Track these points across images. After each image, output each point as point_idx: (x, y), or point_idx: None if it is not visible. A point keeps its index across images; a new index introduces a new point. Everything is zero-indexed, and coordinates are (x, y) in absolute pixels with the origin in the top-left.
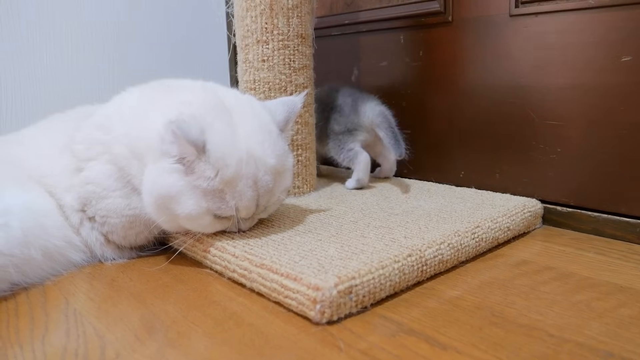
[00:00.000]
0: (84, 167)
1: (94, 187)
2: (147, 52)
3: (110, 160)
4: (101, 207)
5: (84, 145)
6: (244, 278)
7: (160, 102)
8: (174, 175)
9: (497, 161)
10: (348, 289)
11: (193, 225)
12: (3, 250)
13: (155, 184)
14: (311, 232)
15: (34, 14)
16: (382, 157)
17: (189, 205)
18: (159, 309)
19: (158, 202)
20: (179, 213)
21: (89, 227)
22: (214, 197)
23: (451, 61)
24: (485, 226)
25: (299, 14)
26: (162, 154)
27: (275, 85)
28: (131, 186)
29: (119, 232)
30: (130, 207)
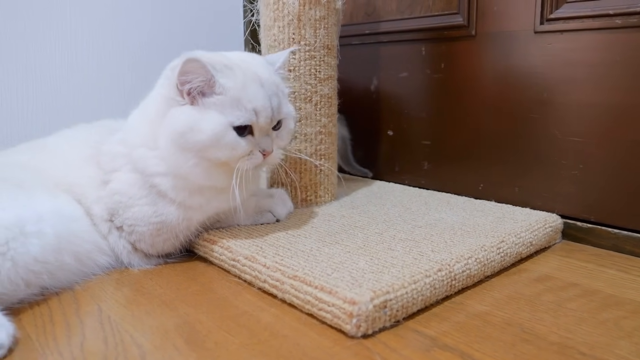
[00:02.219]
0: (109, 179)
1: (120, 197)
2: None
3: (133, 168)
4: (128, 216)
5: (108, 158)
6: (276, 289)
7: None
8: (186, 110)
9: (517, 175)
10: (383, 303)
11: (220, 150)
12: (38, 257)
13: (172, 125)
14: (338, 243)
15: (49, 13)
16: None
17: (210, 125)
18: (193, 318)
19: (180, 142)
20: (204, 139)
21: (117, 236)
22: (232, 108)
23: (473, 74)
24: (509, 241)
25: (325, 25)
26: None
27: (301, 95)
28: (156, 191)
29: (147, 240)
30: (157, 214)
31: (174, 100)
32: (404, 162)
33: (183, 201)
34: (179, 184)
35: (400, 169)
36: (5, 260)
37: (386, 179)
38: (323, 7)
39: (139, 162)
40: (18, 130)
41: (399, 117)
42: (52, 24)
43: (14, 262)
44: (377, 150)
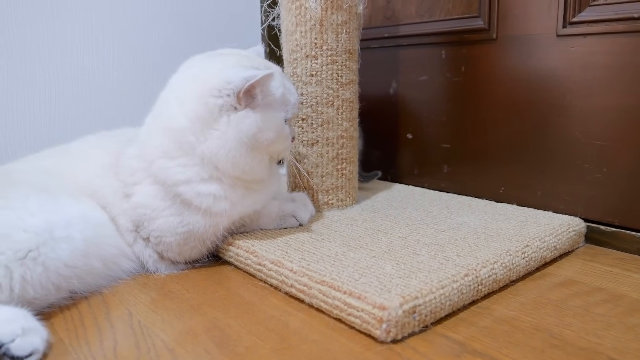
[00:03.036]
0: (131, 192)
1: (144, 210)
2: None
3: (153, 180)
4: (154, 228)
5: (127, 172)
6: (303, 293)
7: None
8: (250, 114)
9: (539, 178)
10: (412, 309)
11: (281, 143)
12: (68, 262)
13: (242, 129)
14: (363, 247)
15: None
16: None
17: (274, 123)
18: (222, 323)
19: (251, 143)
20: (272, 136)
21: (143, 245)
22: (282, 104)
23: (494, 78)
24: (534, 245)
25: (347, 30)
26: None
27: (323, 100)
28: (180, 200)
29: (174, 249)
30: (183, 224)
31: (232, 107)
32: (423, 165)
33: (208, 208)
34: (213, 188)
35: (420, 172)
36: (37, 265)
37: (405, 182)
38: (345, 12)
39: (160, 174)
40: (41, 135)
41: (418, 120)
42: (74, 30)
43: (45, 267)
44: (396, 153)
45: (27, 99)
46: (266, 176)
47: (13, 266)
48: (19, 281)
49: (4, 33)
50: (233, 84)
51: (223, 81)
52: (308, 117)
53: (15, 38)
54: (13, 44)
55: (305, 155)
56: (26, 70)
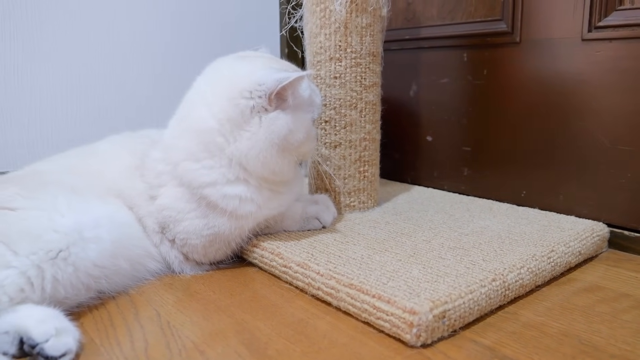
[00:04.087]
0: (156, 194)
1: (169, 212)
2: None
3: (178, 183)
4: (180, 230)
5: (152, 175)
6: (330, 296)
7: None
8: (281, 116)
9: (562, 182)
10: (442, 314)
11: (310, 143)
12: (97, 262)
13: (273, 131)
14: (388, 250)
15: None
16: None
17: (304, 124)
18: (251, 325)
19: (282, 144)
20: (301, 137)
21: (169, 247)
22: (309, 105)
23: (517, 81)
24: (559, 250)
25: (371, 33)
26: (253, 113)
27: (347, 102)
28: (205, 203)
29: (199, 251)
30: (208, 227)
31: (263, 108)
32: (443, 167)
33: (234, 210)
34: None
35: (439, 175)
36: (67, 265)
37: (425, 184)
38: (369, 15)
39: (185, 176)
40: (63, 134)
41: (438, 123)
42: (96, 31)
43: (75, 267)
44: (416, 155)
45: (50, 100)
46: (292, 177)
47: (45, 266)
48: (50, 281)
49: (26, 36)
50: (265, 86)
51: (255, 83)
52: (331, 119)
53: (36, 41)
54: (35, 47)
55: (328, 157)
56: (48, 72)
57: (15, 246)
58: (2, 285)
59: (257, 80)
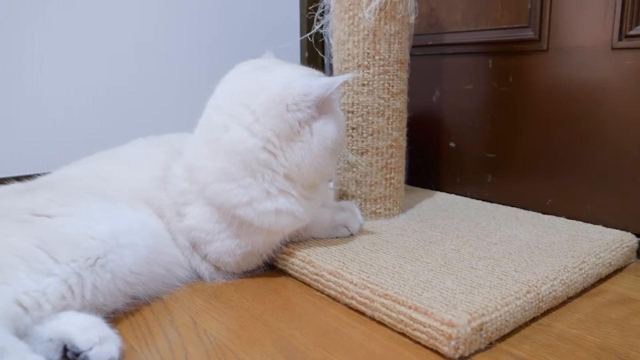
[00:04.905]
0: (183, 212)
1: (199, 233)
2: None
3: (206, 202)
4: (211, 250)
5: (176, 192)
6: (364, 306)
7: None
8: (329, 120)
9: (589, 192)
10: (479, 326)
11: (345, 138)
12: (133, 269)
13: (328, 136)
14: (418, 260)
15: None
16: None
17: (342, 123)
18: (287, 334)
19: (334, 147)
20: (343, 136)
21: (199, 260)
22: (336, 102)
23: (544, 89)
24: (590, 262)
25: (399, 40)
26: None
27: (374, 109)
28: (238, 222)
29: (232, 266)
30: (241, 246)
31: (312, 117)
32: (466, 174)
33: (270, 226)
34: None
35: (462, 181)
36: (106, 272)
37: (447, 190)
38: (398, 22)
39: (217, 197)
40: (89, 138)
41: (461, 129)
42: (118, 37)
43: (113, 274)
44: (438, 160)
45: (75, 105)
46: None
47: (84, 273)
48: (90, 288)
49: (54, 45)
50: (312, 95)
51: (300, 94)
52: (358, 126)
53: (61, 49)
54: (62, 54)
55: (355, 164)
56: (73, 78)
57: (55, 254)
58: (45, 293)
59: (301, 91)
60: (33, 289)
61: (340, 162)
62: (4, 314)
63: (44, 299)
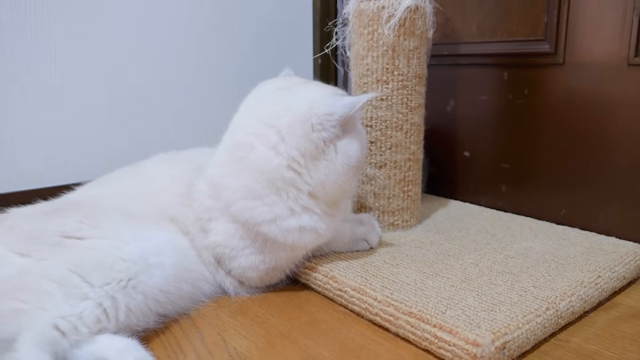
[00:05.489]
0: (207, 228)
1: (223, 249)
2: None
3: (230, 219)
4: (235, 266)
5: (201, 209)
6: (389, 323)
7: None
8: (352, 139)
9: (602, 204)
10: (503, 345)
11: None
12: (162, 288)
13: (351, 155)
14: (439, 275)
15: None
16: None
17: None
18: (315, 352)
19: (357, 165)
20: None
21: (224, 275)
22: (356, 122)
23: (559, 102)
24: (605, 276)
25: (418, 55)
26: (327, 140)
27: (393, 124)
28: (262, 239)
29: (255, 281)
30: (265, 262)
31: (336, 137)
32: (480, 183)
33: (293, 243)
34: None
35: (476, 190)
36: (138, 293)
37: (460, 199)
38: (416, 38)
39: (242, 215)
40: (104, 147)
41: (476, 139)
42: (138, 49)
43: (145, 295)
44: (453, 170)
45: (94, 117)
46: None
47: (118, 296)
48: (123, 310)
49: (69, 53)
50: (337, 115)
51: (326, 114)
52: (377, 140)
53: (77, 56)
54: (76, 63)
55: (373, 177)
56: (89, 87)
57: (89, 277)
58: (81, 317)
59: (326, 111)
60: (70, 314)
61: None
62: (43, 339)
63: (80, 323)
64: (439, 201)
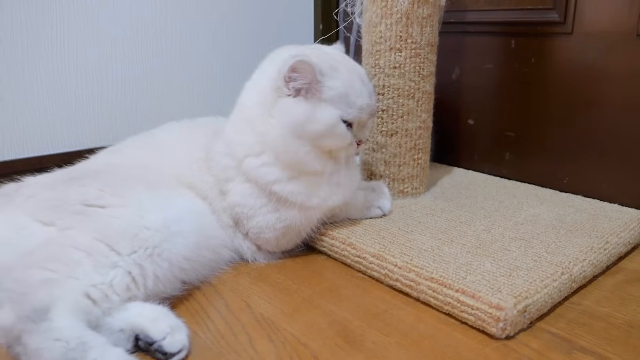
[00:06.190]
0: (226, 189)
1: (241, 209)
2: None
3: (245, 179)
4: (252, 225)
5: (219, 168)
6: (410, 288)
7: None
8: (301, 103)
9: (606, 172)
10: (524, 308)
11: (333, 139)
12: (185, 255)
13: (289, 115)
14: (453, 241)
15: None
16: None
17: (326, 117)
18: (340, 317)
19: (298, 131)
20: (320, 129)
21: (241, 238)
22: (341, 103)
23: (566, 71)
24: (612, 242)
25: (431, 23)
26: (278, 94)
27: (405, 92)
28: (276, 198)
29: (272, 243)
30: (280, 220)
31: (281, 90)
32: (484, 151)
33: (302, 203)
34: (293, 176)
35: (480, 158)
36: (163, 261)
37: (464, 166)
38: (430, 5)
39: (251, 173)
40: (121, 111)
41: (480, 107)
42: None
43: (170, 262)
44: (456, 137)
45: (95, 83)
46: (320, 169)
47: (145, 264)
48: (151, 278)
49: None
50: (282, 64)
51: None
52: (389, 108)
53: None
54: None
55: (384, 145)
56: (109, 53)
57: (116, 246)
58: (112, 285)
59: (278, 57)
60: (100, 282)
61: (369, 143)
62: (76, 307)
63: (111, 291)
64: (443, 169)
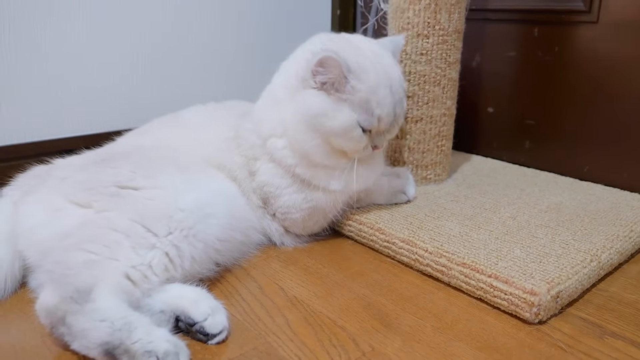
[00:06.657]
0: (254, 169)
1: (269, 188)
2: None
3: (270, 158)
4: (280, 205)
5: (247, 145)
6: (441, 274)
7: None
8: (322, 96)
9: (627, 161)
10: (557, 294)
11: (345, 141)
12: (219, 236)
13: (307, 105)
14: (480, 228)
15: None
16: None
17: (342, 117)
18: (373, 300)
19: (311, 123)
20: (334, 127)
21: (270, 220)
22: (360, 108)
23: (590, 60)
24: (637, 230)
25: (459, 10)
26: (303, 84)
27: (431, 79)
28: (299, 180)
29: (299, 224)
30: (306, 200)
31: (307, 82)
32: (503, 139)
33: (326, 186)
34: (306, 165)
35: (499, 146)
36: (198, 242)
37: (482, 154)
38: None
39: (275, 154)
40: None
41: (501, 95)
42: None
43: (205, 243)
44: (476, 125)
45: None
46: (331, 165)
47: (182, 245)
48: (188, 259)
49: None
50: (311, 56)
51: (306, 51)
52: (414, 94)
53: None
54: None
55: (409, 131)
56: (116, 39)
57: (153, 227)
58: (150, 266)
59: (309, 48)
60: (140, 263)
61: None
62: (118, 288)
63: (150, 272)
64: (462, 156)
